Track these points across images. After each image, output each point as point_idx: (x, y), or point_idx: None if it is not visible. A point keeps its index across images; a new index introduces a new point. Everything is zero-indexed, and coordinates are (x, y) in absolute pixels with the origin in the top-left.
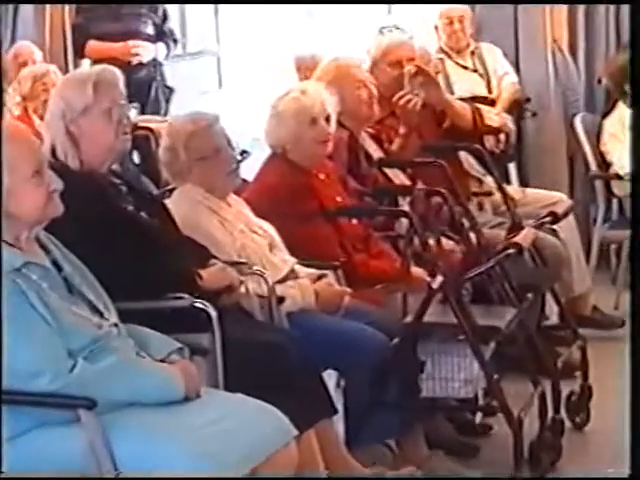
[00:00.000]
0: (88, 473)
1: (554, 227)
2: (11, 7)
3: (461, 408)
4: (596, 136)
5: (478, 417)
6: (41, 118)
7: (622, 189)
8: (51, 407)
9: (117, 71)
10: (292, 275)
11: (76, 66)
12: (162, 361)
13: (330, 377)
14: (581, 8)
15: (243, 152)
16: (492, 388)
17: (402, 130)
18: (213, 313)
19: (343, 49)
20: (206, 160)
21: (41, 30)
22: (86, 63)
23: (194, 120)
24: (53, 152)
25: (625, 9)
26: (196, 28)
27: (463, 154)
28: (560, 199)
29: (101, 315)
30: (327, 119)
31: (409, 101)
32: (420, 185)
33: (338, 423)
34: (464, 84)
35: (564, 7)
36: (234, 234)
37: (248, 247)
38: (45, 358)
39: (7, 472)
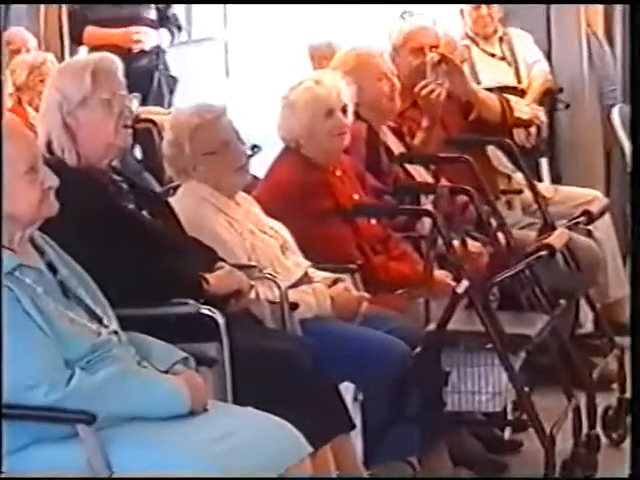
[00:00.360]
0: None
1: (589, 227)
2: None
3: (489, 423)
4: None
5: (507, 433)
6: (37, 110)
7: None
8: (47, 422)
9: (117, 59)
10: (306, 279)
11: (72, 54)
12: (166, 372)
13: (347, 389)
14: None
15: (254, 147)
16: (522, 401)
17: (425, 123)
18: (221, 320)
19: (361, 37)
20: (213, 155)
21: (35, 15)
22: (83, 51)
23: (200, 112)
24: (48, 146)
25: None
26: (202, 13)
27: (491, 149)
28: (595, 197)
29: (100, 322)
30: (344, 110)
31: (432, 91)
32: (444, 182)
33: (356, 439)
34: (491, 73)
35: None
36: (243, 235)
37: (258, 249)
38: (40, 369)
39: None
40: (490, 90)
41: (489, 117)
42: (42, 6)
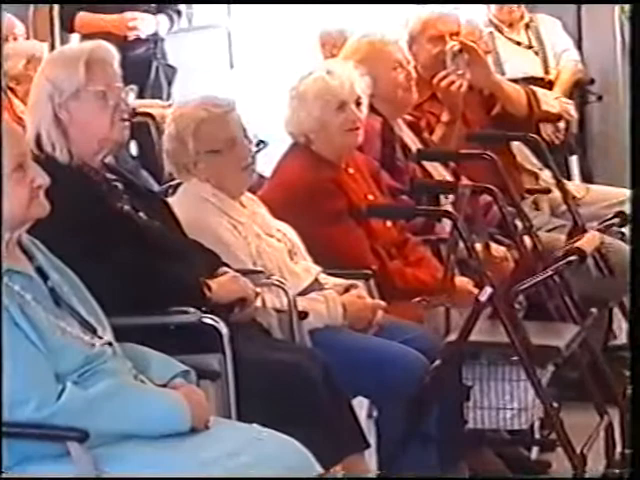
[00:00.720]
0: None
1: (623, 230)
2: None
3: (514, 442)
4: None
5: (534, 452)
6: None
7: None
8: (36, 439)
9: (112, 48)
10: (316, 286)
11: (64, 42)
12: (164, 386)
13: (360, 405)
14: None
15: (259, 142)
16: (550, 418)
17: (445, 117)
18: (224, 330)
19: (376, 23)
20: (218, 153)
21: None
22: (75, 38)
23: (207, 105)
24: (38, 142)
25: None
26: None
27: (516, 145)
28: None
29: (94, 332)
30: (357, 103)
31: (452, 83)
32: (465, 181)
33: (370, 459)
34: (517, 63)
35: None
36: (248, 238)
37: (265, 253)
38: (29, 383)
39: None
40: (515, 81)
41: (514, 111)
42: None
